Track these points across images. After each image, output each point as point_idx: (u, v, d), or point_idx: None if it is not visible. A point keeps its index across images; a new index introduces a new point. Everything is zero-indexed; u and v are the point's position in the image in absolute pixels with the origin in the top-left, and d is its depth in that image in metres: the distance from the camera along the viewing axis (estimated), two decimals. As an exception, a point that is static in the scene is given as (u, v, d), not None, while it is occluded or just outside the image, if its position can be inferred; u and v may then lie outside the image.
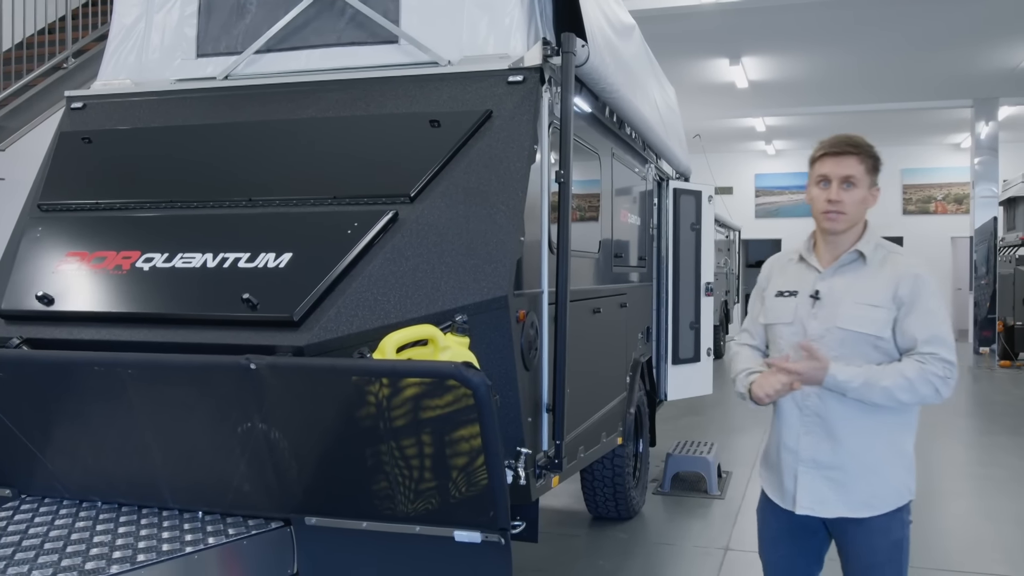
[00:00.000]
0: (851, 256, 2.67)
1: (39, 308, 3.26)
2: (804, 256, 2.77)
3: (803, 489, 2.69)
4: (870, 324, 2.59)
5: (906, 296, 2.58)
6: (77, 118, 3.97)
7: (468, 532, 2.83)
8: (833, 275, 2.68)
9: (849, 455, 2.64)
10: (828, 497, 2.67)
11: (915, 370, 2.54)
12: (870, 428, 2.63)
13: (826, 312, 2.65)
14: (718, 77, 13.57)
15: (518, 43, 3.55)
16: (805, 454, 2.69)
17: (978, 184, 15.71)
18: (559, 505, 6.13)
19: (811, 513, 2.69)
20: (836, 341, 2.61)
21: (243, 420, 2.89)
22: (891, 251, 2.69)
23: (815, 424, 2.67)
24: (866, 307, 2.60)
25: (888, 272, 2.62)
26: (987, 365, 14.97)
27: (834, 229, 2.66)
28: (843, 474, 2.64)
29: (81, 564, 2.66)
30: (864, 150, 2.65)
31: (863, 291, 2.62)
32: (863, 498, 2.65)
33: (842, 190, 2.62)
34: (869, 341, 2.60)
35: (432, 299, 3.04)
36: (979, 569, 5.00)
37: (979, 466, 7.78)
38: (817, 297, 2.68)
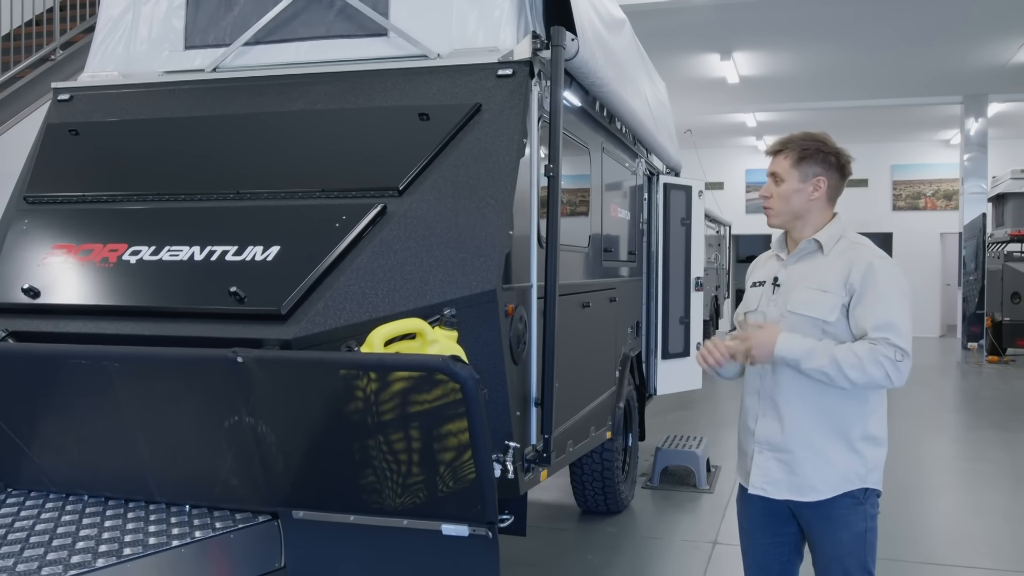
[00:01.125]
0: (809, 245, 2.77)
1: (25, 301, 3.24)
2: (775, 251, 2.91)
3: (756, 468, 2.78)
4: (816, 308, 2.67)
5: (857, 283, 2.64)
6: (64, 110, 3.94)
7: (456, 526, 2.83)
8: (794, 263, 2.80)
9: (796, 438, 2.71)
10: (778, 478, 2.74)
11: (865, 350, 2.57)
12: (818, 412, 2.69)
13: (782, 297, 2.76)
14: (709, 72, 13.57)
15: (507, 36, 3.54)
16: (761, 436, 2.78)
17: (967, 180, 15.76)
18: (548, 499, 6.14)
19: (762, 493, 2.77)
20: (788, 325, 2.70)
21: (230, 413, 2.88)
22: (854, 242, 2.76)
23: (769, 406, 2.77)
24: (815, 292, 2.68)
25: (844, 260, 2.69)
26: (975, 360, 15.04)
27: (770, 223, 2.86)
28: (792, 456, 2.72)
29: (67, 558, 2.65)
30: (790, 144, 2.78)
31: (816, 277, 2.71)
32: (809, 481, 2.70)
33: (771, 185, 2.81)
34: (817, 325, 2.66)
35: (420, 293, 3.04)
36: (966, 563, 5.03)
37: (966, 461, 7.83)
38: (777, 284, 2.80)
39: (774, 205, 2.80)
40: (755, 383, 2.82)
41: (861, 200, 20.55)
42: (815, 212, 2.78)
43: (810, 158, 2.75)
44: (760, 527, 2.86)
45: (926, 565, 4.98)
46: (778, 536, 2.84)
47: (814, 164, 2.75)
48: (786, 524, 2.82)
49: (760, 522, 2.86)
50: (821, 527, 2.73)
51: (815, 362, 2.59)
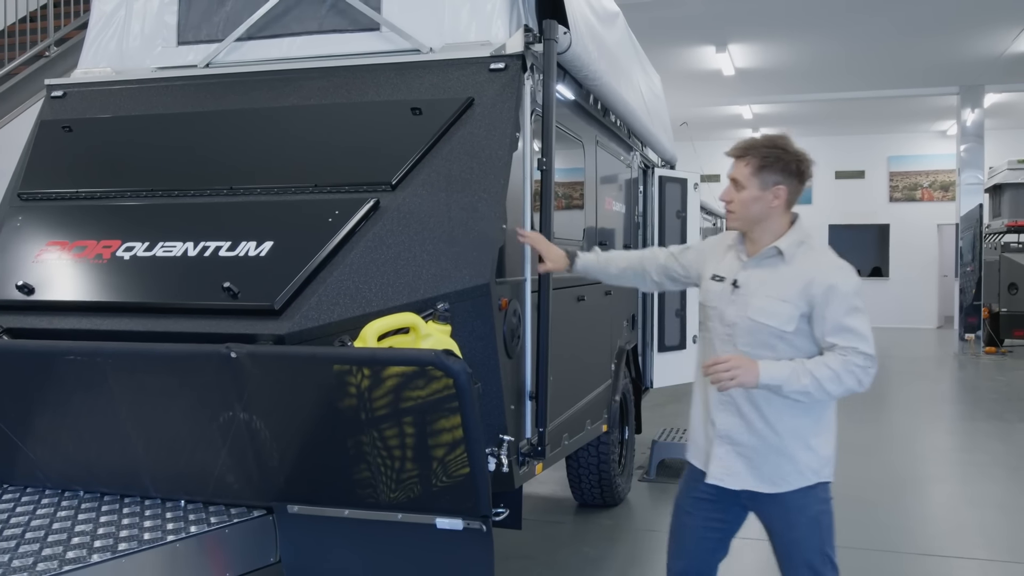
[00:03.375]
0: (770, 251, 2.80)
1: (19, 297, 3.24)
2: (734, 246, 2.92)
3: (716, 460, 2.84)
4: (775, 317, 2.72)
5: (819, 296, 2.69)
6: (57, 106, 3.94)
7: (450, 519, 2.83)
8: (755, 267, 2.82)
9: (757, 435, 2.78)
10: (738, 470, 2.81)
11: (838, 362, 2.66)
12: (778, 411, 2.76)
13: (741, 301, 2.80)
14: (704, 64, 13.56)
15: (500, 30, 3.54)
16: (721, 429, 2.84)
17: (964, 171, 15.77)
18: (544, 492, 6.15)
19: (719, 483, 2.83)
20: (745, 330, 2.77)
21: (224, 409, 2.88)
22: (813, 250, 2.81)
23: (729, 403, 2.82)
24: (776, 301, 2.73)
25: (803, 270, 2.74)
26: (972, 352, 15.07)
27: (729, 226, 2.90)
28: (752, 451, 2.79)
29: (62, 553, 2.66)
30: (752, 151, 2.79)
31: (775, 286, 2.75)
32: (770, 476, 2.79)
33: (732, 190, 2.83)
34: (774, 333, 2.73)
35: (414, 287, 3.04)
36: (961, 554, 5.05)
37: (963, 452, 7.84)
38: (736, 285, 2.83)
39: (736, 210, 2.83)
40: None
41: (858, 192, 20.58)
42: (774, 218, 2.81)
43: (770, 167, 2.76)
44: (698, 509, 2.93)
45: (922, 556, 5.00)
46: (712, 522, 2.92)
47: (774, 172, 2.76)
48: (726, 511, 2.90)
49: (696, 504, 2.93)
50: (777, 514, 2.82)
51: (797, 384, 2.65)
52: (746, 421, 2.80)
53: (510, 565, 4.70)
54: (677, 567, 2.99)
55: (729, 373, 2.63)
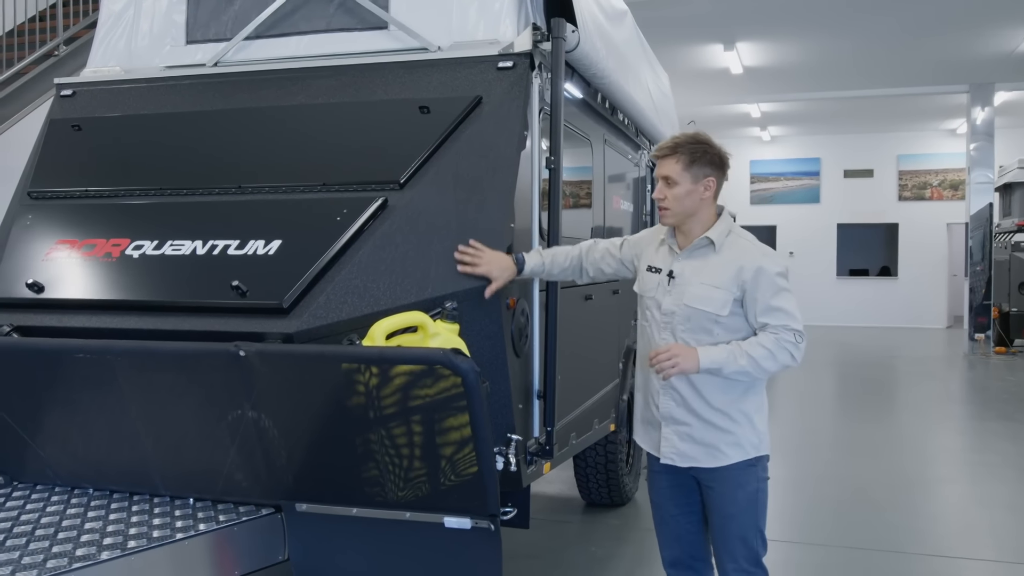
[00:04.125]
0: (702, 242, 2.98)
1: (29, 296, 3.25)
2: (666, 239, 3.09)
3: (664, 441, 3.03)
4: (710, 303, 2.92)
5: (749, 281, 2.89)
6: (67, 105, 3.95)
7: (458, 518, 2.84)
8: (687, 258, 3.01)
9: (695, 415, 2.97)
10: (684, 449, 3.00)
11: (771, 340, 2.86)
12: (711, 389, 2.95)
13: (677, 291, 2.98)
14: (712, 63, 13.53)
15: (508, 29, 3.53)
16: (664, 411, 3.03)
17: (974, 170, 15.70)
18: (552, 491, 6.15)
19: (671, 463, 3.02)
20: (683, 317, 2.95)
21: (233, 407, 2.89)
22: (739, 237, 3.01)
23: (669, 387, 3.00)
24: (710, 288, 2.93)
25: (732, 257, 2.94)
26: (982, 352, 15.01)
27: (663, 222, 3.06)
28: (692, 430, 2.98)
29: (72, 550, 2.67)
30: (680, 148, 2.95)
31: (709, 273, 2.95)
32: (709, 451, 2.97)
33: (665, 187, 2.98)
34: (711, 318, 2.92)
35: (422, 286, 3.04)
36: (971, 555, 5.03)
37: (972, 452, 7.81)
38: (672, 276, 3.01)
39: (671, 206, 2.97)
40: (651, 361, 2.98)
41: (866, 190, 20.51)
42: (704, 210, 2.99)
43: (699, 160, 2.94)
44: (669, 499, 3.11)
45: (931, 557, 4.98)
46: (685, 506, 3.10)
47: (703, 165, 2.95)
48: (692, 494, 3.08)
49: (668, 494, 3.11)
50: (719, 488, 2.99)
51: (735, 365, 2.84)
52: (686, 402, 2.98)
53: (518, 564, 4.70)
54: (669, 556, 3.18)
55: (670, 361, 2.82)
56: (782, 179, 21.16)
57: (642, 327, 3.17)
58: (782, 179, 21.16)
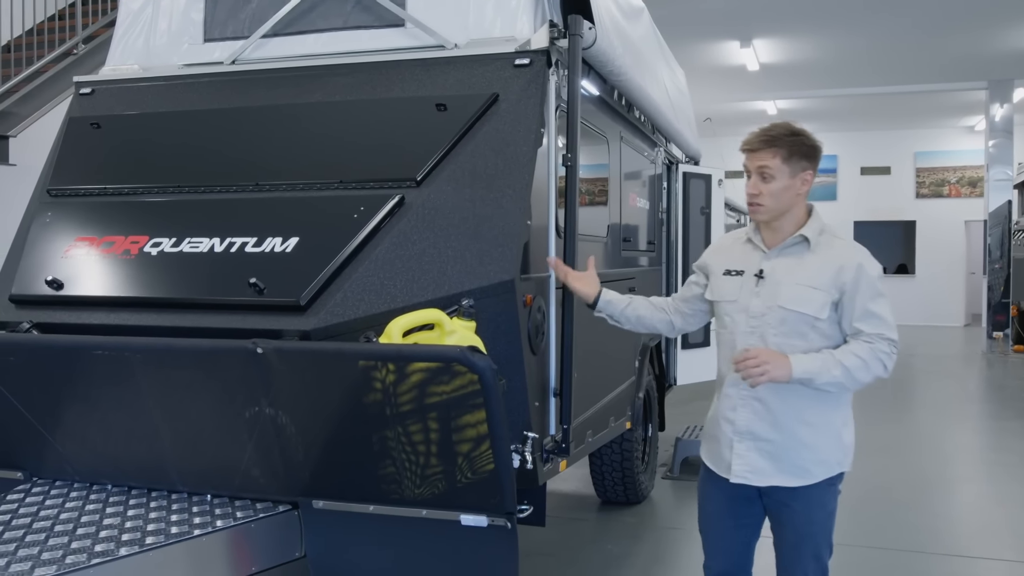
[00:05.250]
0: (795, 240, 2.79)
1: (49, 293, 3.28)
2: (751, 238, 2.89)
3: (738, 458, 2.81)
4: (808, 304, 2.71)
5: (849, 283, 2.70)
6: (86, 103, 3.97)
7: (474, 516, 2.84)
8: (777, 256, 2.81)
9: (781, 429, 2.75)
10: (762, 467, 2.78)
11: (865, 350, 2.67)
12: (801, 402, 2.74)
13: (768, 291, 2.77)
14: (729, 60, 13.47)
15: (525, 26, 3.53)
16: (741, 425, 2.80)
17: (992, 167, 15.56)
18: (568, 489, 6.14)
19: (745, 481, 2.80)
20: (776, 319, 2.74)
21: (250, 404, 2.90)
22: (835, 237, 2.81)
23: (749, 397, 2.78)
24: (807, 288, 2.72)
25: (830, 257, 2.74)
26: (1001, 350, 14.89)
27: (756, 219, 2.83)
28: (775, 447, 2.76)
29: (91, 546, 2.69)
30: (778, 141, 2.73)
31: (805, 273, 2.74)
32: (794, 470, 2.77)
33: (760, 181, 2.76)
34: (807, 321, 2.72)
35: (438, 283, 3.04)
36: (989, 555, 4.99)
37: (990, 451, 7.76)
38: (761, 276, 2.79)
39: (765, 202, 2.77)
40: (734, 374, 2.75)
41: (884, 187, 20.38)
42: (799, 206, 2.81)
43: (798, 153, 2.75)
44: (725, 511, 2.92)
45: (949, 557, 4.94)
46: (742, 519, 2.91)
47: (802, 159, 2.76)
48: (751, 506, 2.89)
49: (725, 506, 2.91)
50: (798, 507, 2.79)
51: (828, 375, 2.65)
52: (771, 415, 2.76)
53: (533, 562, 4.70)
54: (716, 567, 3.00)
55: (759, 368, 2.60)
56: (798, 176, 21.01)
57: (722, 338, 2.93)
58: (798, 176, 21.01)
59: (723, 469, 2.86)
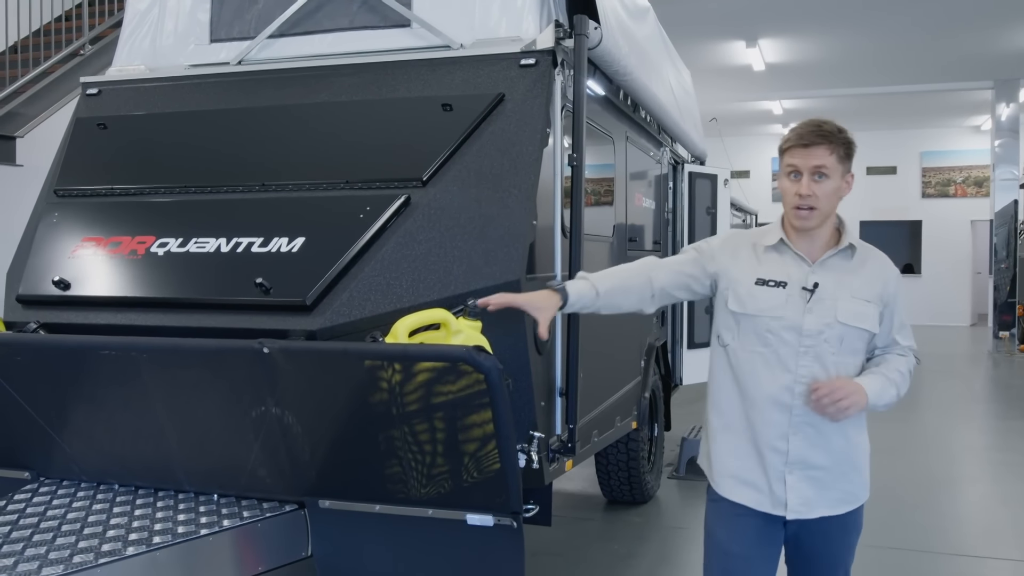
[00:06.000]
0: (844, 249, 2.56)
1: (56, 293, 3.29)
2: (786, 242, 2.58)
3: (792, 492, 2.54)
4: (865, 319, 2.52)
5: (891, 294, 2.57)
6: (93, 104, 3.98)
7: (480, 515, 2.83)
8: (823, 268, 2.55)
9: (836, 454, 2.55)
10: (810, 497, 2.55)
11: (904, 364, 2.57)
12: (851, 424, 2.56)
13: (823, 307, 2.50)
14: (734, 60, 13.46)
15: (530, 26, 3.53)
16: (795, 455, 2.53)
17: (998, 167, 15.53)
18: (574, 489, 6.14)
19: (799, 516, 2.55)
20: (836, 337, 2.50)
21: (257, 404, 2.90)
22: (867, 247, 2.64)
23: (804, 424, 2.52)
24: (862, 302, 2.52)
25: (872, 268, 2.58)
26: (1007, 350, 14.85)
27: (806, 226, 2.52)
28: (827, 473, 2.55)
29: (98, 546, 2.69)
30: (835, 138, 2.49)
31: (856, 286, 2.54)
32: (841, 495, 2.58)
33: (813, 182, 2.47)
34: (864, 337, 2.55)
35: (444, 283, 3.04)
36: (995, 554, 4.98)
37: (996, 451, 7.74)
38: (813, 290, 2.51)
39: (820, 205, 2.48)
40: (783, 397, 2.52)
41: (890, 187, 20.33)
42: (835, 210, 2.57)
43: (849, 153, 2.52)
44: (754, 549, 2.60)
45: (955, 556, 4.93)
46: (769, 555, 2.62)
47: (848, 160, 2.53)
48: (779, 540, 2.62)
49: (754, 542, 2.60)
50: (837, 535, 2.60)
51: (888, 396, 2.50)
52: (824, 440, 2.53)
53: (539, 562, 4.70)
54: None
55: (846, 400, 2.40)
56: (804, 176, 20.96)
57: (747, 356, 2.57)
58: (804, 176, 20.96)
59: (773, 505, 2.56)
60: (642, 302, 2.73)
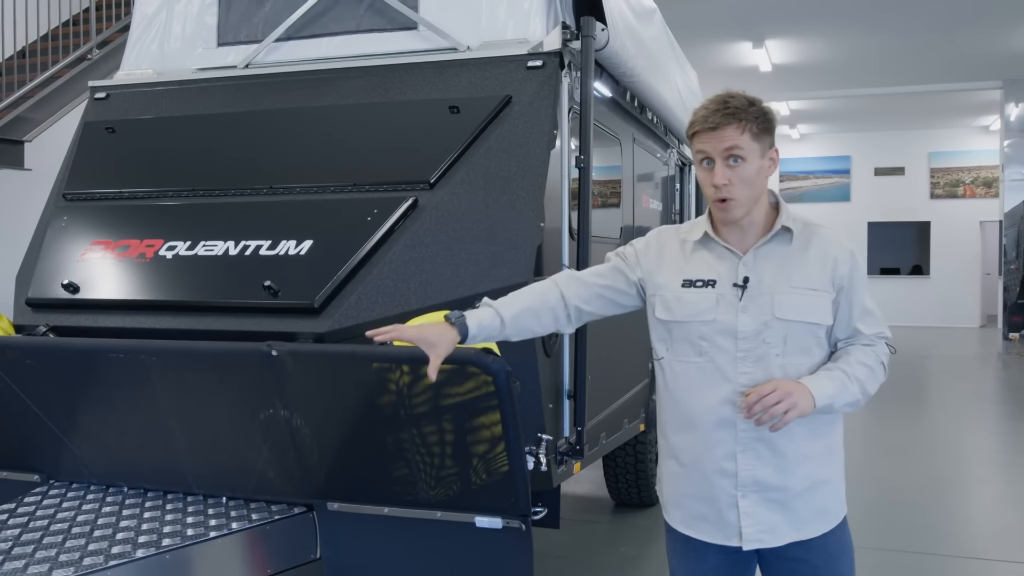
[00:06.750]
0: (777, 234, 2.23)
1: (65, 296, 3.30)
2: (710, 235, 2.27)
3: (748, 518, 2.22)
4: (813, 312, 2.19)
5: (846, 277, 2.22)
6: (101, 108, 4.00)
7: (489, 518, 2.83)
8: (756, 259, 2.23)
9: (794, 470, 2.21)
10: (774, 522, 2.22)
11: (870, 356, 2.23)
12: (809, 433, 2.22)
13: (758, 303, 2.19)
14: (741, 60, 13.44)
15: (537, 28, 3.53)
16: (746, 477, 2.21)
17: (1008, 167, 15.46)
18: (582, 492, 6.14)
19: (760, 546, 2.23)
20: (778, 337, 2.18)
21: (265, 406, 2.91)
22: (810, 224, 2.29)
23: (753, 441, 2.20)
24: (805, 292, 2.19)
25: (819, 251, 2.23)
26: (1017, 351, 14.78)
27: (730, 218, 2.21)
28: (787, 494, 2.21)
29: (107, 548, 2.70)
30: (744, 114, 2.15)
31: (797, 274, 2.21)
32: (812, 515, 2.24)
33: (728, 168, 2.15)
34: (812, 332, 2.21)
35: (452, 285, 3.04)
36: (1005, 557, 4.96)
37: (1005, 453, 7.70)
38: (745, 286, 2.20)
39: (737, 194, 2.16)
40: (724, 412, 2.20)
41: (898, 188, 20.27)
42: (764, 193, 2.25)
43: (766, 126, 2.18)
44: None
45: (965, 559, 4.91)
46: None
47: (768, 133, 2.19)
48: (748, 569, 2.33)
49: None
50: (818, 561, 2.25)
51: (847, 395, 2.19)
52: (777, 457, 2.20)
53: (547, 564, 4.69)
54: None
55: (783, 403, 2.07)
56: (812, 177, 20.97)
57: (682, 368, 2.27)
58: (812, 177, 20.97)
59: (725, 535, 2.26)
60: (557, 322, 2.41)
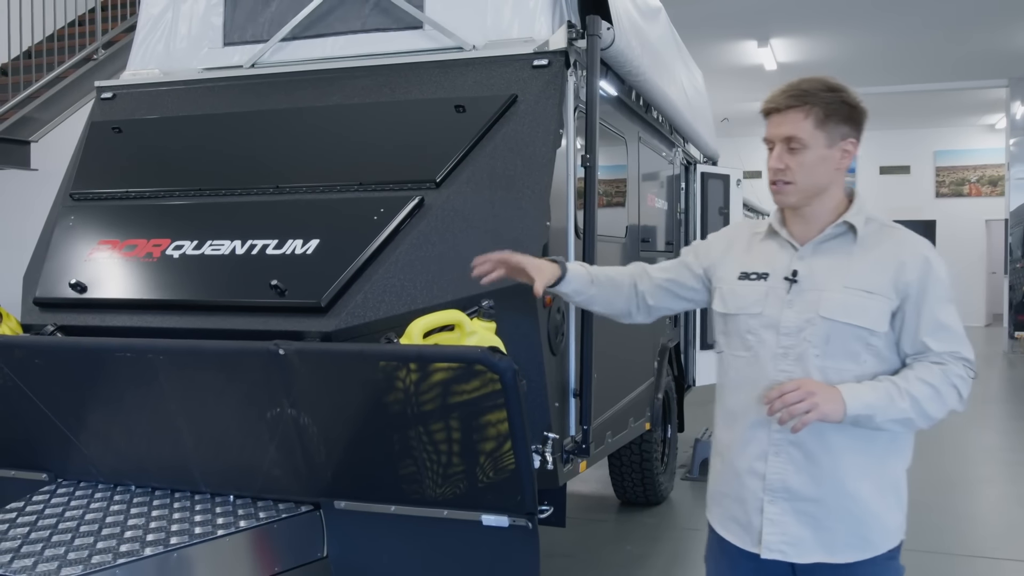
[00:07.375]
0: (838, 229, 2.12)
1: (72, 296, 3.31)
2: (776, 229, 2.21)
3: (771, 525, 2.11)
4: (862, 315, 2.05)
5: (914, 284, 2.06)
6: (107, 108, 4.01)
7: (495, 516, 2.83)
8: (814, 253, 2.14)
9: (831, 485, 2.08)
10: (802, 536, 2.10)
11: (937, 374, 2.04)
12: (858, 449, 2.08)
13: (806, 299, 2.09)
14: (746, 59, 13.43)
15: (543, 26, 3.53)
16: (775, 481, 2.11)
17: (1013, 165, 15.42)
18: (587, 490, 6.14)
19: (780, 557, 2.11)
20: (820, 336, 2.06)
21: (272, 405, 2.91)
22: (887, 225, 2.16)
23: (787, 442, 2.10)
24: (859, 293, 2.06)
25: (886, 252, 2.10)
26: (1022, 350, 14.75)
27: (784, 203, 2.16)
28: (821, 508, 2.08)
29: (116, 547, 2.70)
30: (812, 98, 2.08)
31: (854, 274, 2.08)
32: (847, 539, 2.09)
33: (784, 153, 2.10)
34: (860, 337, 2.05)
35: (459, 284, 3.05)
36: (1013, 556, 4.95)
37: (1012, 452, 7.69)
38: (794, 279, 2.11)
39: (796, 179, 2.09)
40: (762, 410, 2.05)
41: (903, 187, 20.23)
42: (836, 186, 2.14)
43: (837, 114, 2.09)
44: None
45: (973, 558, 4.90)
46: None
47: (841, 123, 2.10)
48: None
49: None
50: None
51: (894, 410, 2.00)
52: (813, 466, 2.08)
53: (553, 563, 4.69)
54: None
55: (804, 403, 1.93)
56: (816, 176, 20.90)
57: (730, 363, 2.23)
58: (816, 176, 20.90)
59: (749, 540, 2.16)
60: (629, 304, 2.45)
